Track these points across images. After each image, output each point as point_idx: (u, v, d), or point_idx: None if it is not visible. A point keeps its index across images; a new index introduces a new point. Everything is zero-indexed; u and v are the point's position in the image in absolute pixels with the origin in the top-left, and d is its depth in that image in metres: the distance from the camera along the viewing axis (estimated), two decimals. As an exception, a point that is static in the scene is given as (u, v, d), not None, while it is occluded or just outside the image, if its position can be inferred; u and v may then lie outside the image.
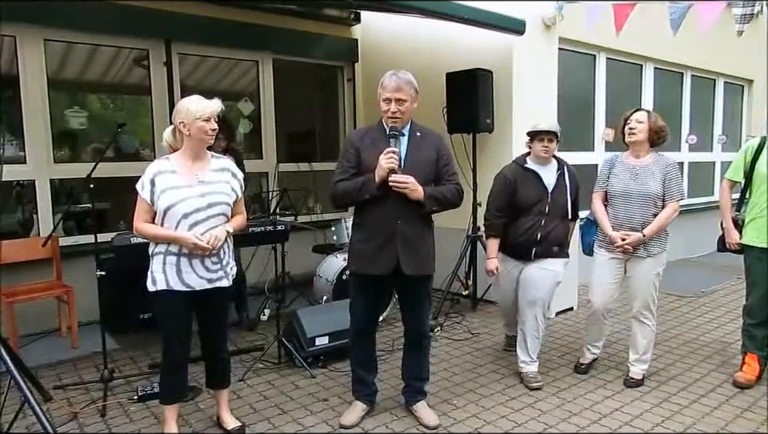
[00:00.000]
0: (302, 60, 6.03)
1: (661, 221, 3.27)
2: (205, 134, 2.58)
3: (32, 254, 4.17)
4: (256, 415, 3.12)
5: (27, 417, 2.85)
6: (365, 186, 2.73)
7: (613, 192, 3.40)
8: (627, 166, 3.38)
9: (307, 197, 5.74)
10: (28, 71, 4.40)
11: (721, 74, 7.89)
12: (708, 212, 7.86)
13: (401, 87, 2.74)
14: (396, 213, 2.74)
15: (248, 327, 4.53)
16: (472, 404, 3.23)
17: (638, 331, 3.45)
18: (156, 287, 2.58)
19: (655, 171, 3.30)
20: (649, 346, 3.46)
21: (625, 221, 3.33)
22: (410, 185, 2.69)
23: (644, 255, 3.33)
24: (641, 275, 3.37)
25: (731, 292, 5.73)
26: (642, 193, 3.29)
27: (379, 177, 2.69)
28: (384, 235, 2.76)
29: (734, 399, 3.26)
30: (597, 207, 3.48)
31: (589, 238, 3.63)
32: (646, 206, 3.29)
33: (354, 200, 2.82)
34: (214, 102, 2.62)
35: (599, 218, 3.45)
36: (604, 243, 3.45)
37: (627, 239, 3.28)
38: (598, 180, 3.54)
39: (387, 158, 2.67)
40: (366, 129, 3.03)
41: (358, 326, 3.01)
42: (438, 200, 2.79)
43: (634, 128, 3.31)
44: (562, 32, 5.16)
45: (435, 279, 3.09)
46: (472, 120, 4.73)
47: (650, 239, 3.29)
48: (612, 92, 6.19)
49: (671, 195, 3.29)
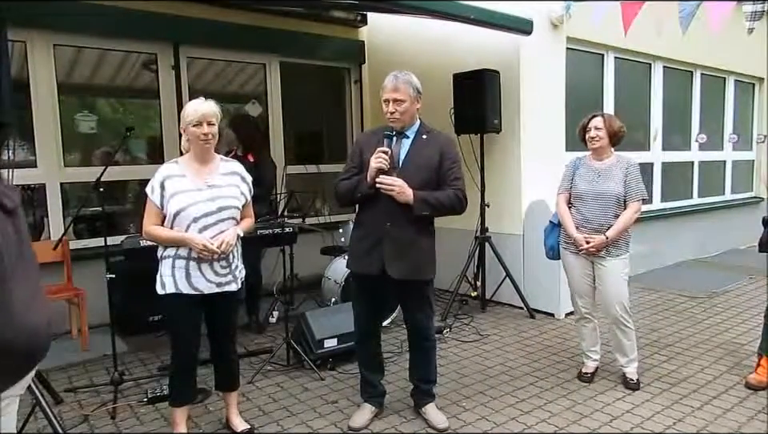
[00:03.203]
0: (310, 62, 6.04)
1: (623, 222, 3.29)
2: (198, 138, 2.57)
3: (43, 257, 4.17)
4: (265, 417, 3.12)
5: (38, 420, 2.87)
6: (358, 185, 2.77)
7: (576, 193, 3.43)
8: (590, 168, 3.43)
9: (315, 199, 5.74)
10: (38, 76, 4.44)
11: (731, 72, 7.81)
12: (719, 211, 7.81)
13: (398, 87, 2.74)
14: (386, 215, 2.74)
15: (257, 330, 4.54)
16: (481, 406, 3.21)
17: (621, 337, 3.44)
18: (165, 291, 2.59)
19: (617, 172, 3.35)
20: (633, 345, 3.46)
21: (588, 221, 3.35)
22: (396, 187, 2.67)
23: (608, 257, 3.33)
24: (610, 280, 3.35)
25: (744, 293, 5.66)
26: (605, 194, 3.32)
27: (369, 177, 2.70)
28: (374, 236, 2.78)
29: (746, 401, 3.22)
30: (562, 208, 3.49)
31: (551, 240, 3.60)
32: (608, 207, 3.31)
33: (350, 199, 2.88)
34: (202, 104, 2.57)
35: (564, 219, 3.45)
36: (569, 243, 3.46)
37: (591, 241, 3.29)
38: (562, 182, 3.56)
39: (376, 158, 2.68)
40: (373, 130, 3.05)
41: (360, 326, 3.03)
42: (431, 205, 2.73)
43: (594, 136, 3.36)
44: (569, 31, 5.14)
45: (444, 281, 3.09)
46: (479, 120, 4.72)
47: (614, 241, 3.29)
48: (621, 91, 6.15)
49: (632, 196, 3.32)
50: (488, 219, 4.95)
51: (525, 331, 4.51)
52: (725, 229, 7.78)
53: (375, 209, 2.76)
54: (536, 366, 3.80)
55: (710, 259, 7.38)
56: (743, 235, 7.74)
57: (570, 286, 3.56)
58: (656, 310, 5.03)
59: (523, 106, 4.90)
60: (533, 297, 4.92)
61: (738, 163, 8.34)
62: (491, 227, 4.97)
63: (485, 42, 4.89)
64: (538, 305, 4.92)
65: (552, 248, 3.60)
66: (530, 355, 3.99)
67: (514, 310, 5.02)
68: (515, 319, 4.82)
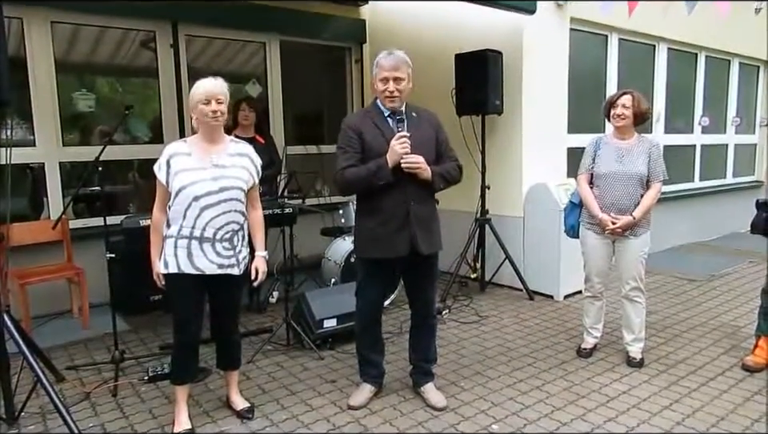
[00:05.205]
0: (310, 41, 5.97)
1: (648, 202, 3.31)
2: (206, 117, 2.55)
3: (42, 236, 4.21)
4: (265, 395, 3.15)
5: (40, 397, 2.90)
6: (379, 171, 2.67)
7: (599, 174, 3.41)
8: (612, 148, 3.40)
9: (315, 180, 5.73)
10: (35, 54, 4.40)
11: (736, 54, 7.72)
12: (720, 195, 7.79)
13: (398, 66, 2.71)
14: (409, 195, 2.75)
15: (257, 309, 4.56)
16: (480, 387, 3.24)
17: (632, 311, 3.48)
18: (168, 270, 2.59)
19: (640, 152, 3.34)
20: (642, 324, 3.50)
21: (613, 202, 3.34)
22: (422, 165, 2.70)
23: (631, 237, 3.36)
24: (629, 256, 3.39)
25: (743, 276, 5.68)
26: (629, 174, 3.31)
27: (393, 161, 2.67)
28: (399, 218, 2.75)
29: (743, 383, 3.25)
30: (584, 189, 3.47)
31: (572, 219, 3.61)
32: (633, 187, 3.31)
33: (367, 186, 2.74)
34: (211, 82, 2.56)
35: (587, 200, 3.43)
36: (592, 224, 3.45)
37: (618, 222, 3.29)
38: (583, 162, 3.53)
39: (401, 143, 2.65)
40: (362, 112, 2.98)
41: (366, 309, 3.01)
42: (444, 178, 2.82)
43: (621, 114, 3.32)
44: (573, 12, 5.07)
45: (443, 262, 3.09)
46: (481, 102, 4.67)
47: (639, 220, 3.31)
48: (624, 73, 6.09)
49: (655, 176, 3.33)
50: (488, 201, 4.94)
51: (524, 313, 4.52)
52: (726, 213, 7.77)
53: (395, 192, 2.73)
54: (534, 347, 3.82)
55: (711, 243, 7.39)
56: (744, 219, 7.60)
57: (588, 265, 3.56)
58: (655, 292, 5.04)
59: (525, 87, 4.85)
60: (532, 279, 4.93)
61: (740, 147, 8.29)
62: (491, 209, 4.96)
63: (488, 22, 4.83)
64: (537, 287, 4.93)
65: (572, 227, 3.62)
66: (528, 337, 4.01)
67: (514, 292, 5.03)
68: (514, 300, 4.84)
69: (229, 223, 2.63)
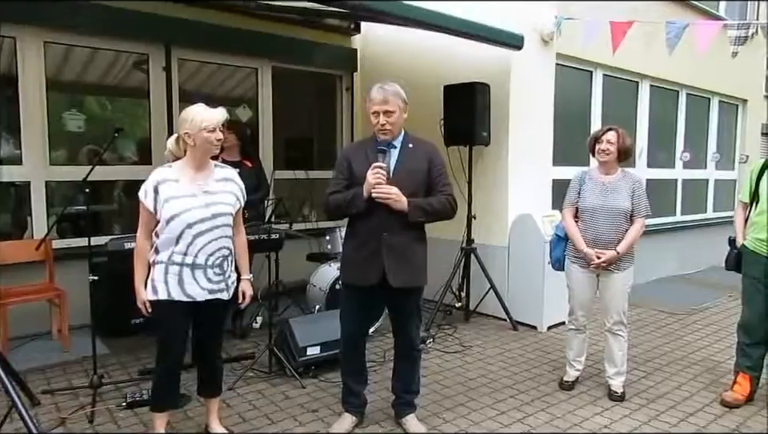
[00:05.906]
0: (302, 68, 6.05)
1: (631, 237, 3.37)
2: (210, 144, 2.59)
3: (25, 256, 4.15)
4: (245, 424, 3.11)
5: (14, 421, 2.83)
6: (353, 200, 2.76)
7: (584, 208, 3.47)
8: (597, 183, 3.47)
9: (302, 205, 5.74)
10: (27, 73, 4.40)
11: (716, 93, 7.97)
12: (701, 229, 7.93)
13: (388, 99, 2.77)
14: (382, 225, 2.76)
15: (240, 335, 4.52)
16: (462, 418, 3.23)
17: (614, 345, 3.50)
18: (157, 297, 2.57)
19: (624, 188, 3.41)
20: (624, 357, 3.53)
21: (597, 236, 3.40)
22: (392, 196, 2.71)
23: (615, 271, 3.41)
24: (613, 289, 3.44)
25: (722, 310, 5.76)
26: (613, 209, 3.38)
27: (366, 191, 2.72)
28: (371, 246, 2.78)
29: (721, 419, 3.28)
30: (569, 224, 3.53)
31: (558, 252, 3.66)
32: (617, 222, 3.38)
33: (343, 212, 2.87)
34: (219, 111, 2.63)
35: (573, 235, 3.49)
36: (577, 258, 3.50)
37: (602, 256, 3.34)
38: (568, 196, 3.59)
39: (374, 173, 2.69)
40: (360, 142, 3.08)
41: (347, 336, 3.02)
42: (425, 210, 2.79)
43: (605, 149, 3.40)
44: (559, 48, 5.22)
45: (428, 291, 3.10)
46: (469, 133, 4.76)
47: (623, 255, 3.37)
48: (608, 107, 6.24)
49: (638, 211, 3.40)
50: (474, 231, 4.98)
51: (507, 343, 4.54)
52: (706, 246, 7.89)
53: (370, 219, 2.77)
54: (517, 378, 3.83)
55: (691, 276, 7.49)
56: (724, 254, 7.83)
57: (573, 298, 3.59)
58: (637, 325, 5.09)
59: (512, 119, 4.95)
60: (516, 309, 4.95)
61: (720, 182, 8.48)
62: (477, 238, 5.00)
63: (476, 55, 4.94)
64: (521, 317, 4.95)
65: (558, 260, 3.66)
66: (511, 368, 4.02)
67: (498, 321, 5.05)
68: (498, 330, 4.85)
69: (220, 248, 2.64)
